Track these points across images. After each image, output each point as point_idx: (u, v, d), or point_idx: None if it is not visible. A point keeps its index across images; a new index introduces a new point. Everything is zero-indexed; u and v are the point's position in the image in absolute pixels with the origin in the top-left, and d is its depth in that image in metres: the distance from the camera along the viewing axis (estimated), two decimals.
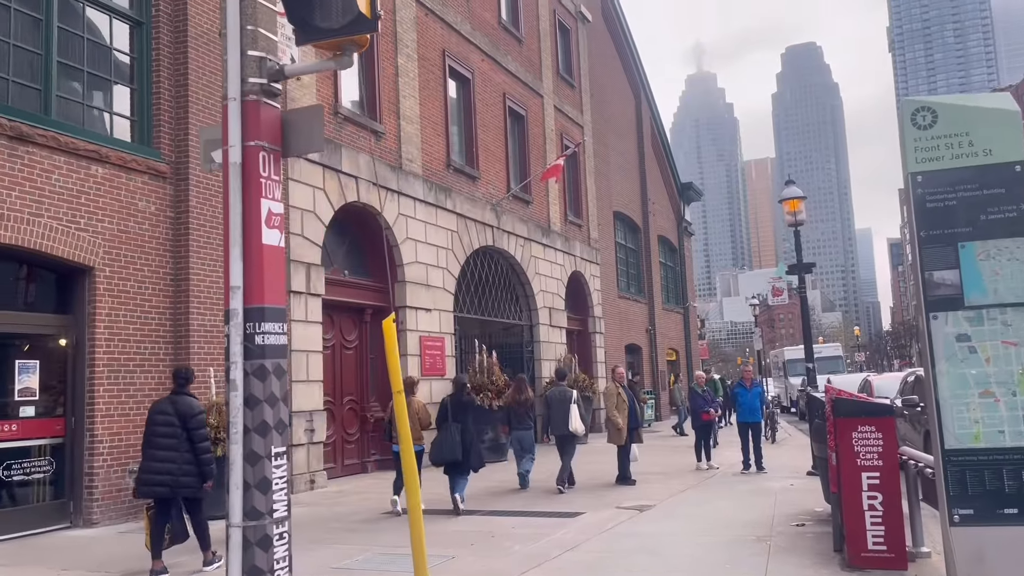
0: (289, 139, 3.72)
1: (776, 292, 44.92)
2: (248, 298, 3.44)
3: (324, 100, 13.32)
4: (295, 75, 3.83)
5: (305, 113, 3.86)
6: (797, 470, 13.07)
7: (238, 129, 3.53)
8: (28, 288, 9.42)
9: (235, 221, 3.49)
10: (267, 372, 3.50)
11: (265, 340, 3.51)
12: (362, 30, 3.39)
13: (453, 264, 16.62)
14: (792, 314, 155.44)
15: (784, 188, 14.85)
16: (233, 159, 3.52)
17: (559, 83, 23.29)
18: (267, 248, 3.51)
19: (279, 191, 3.69)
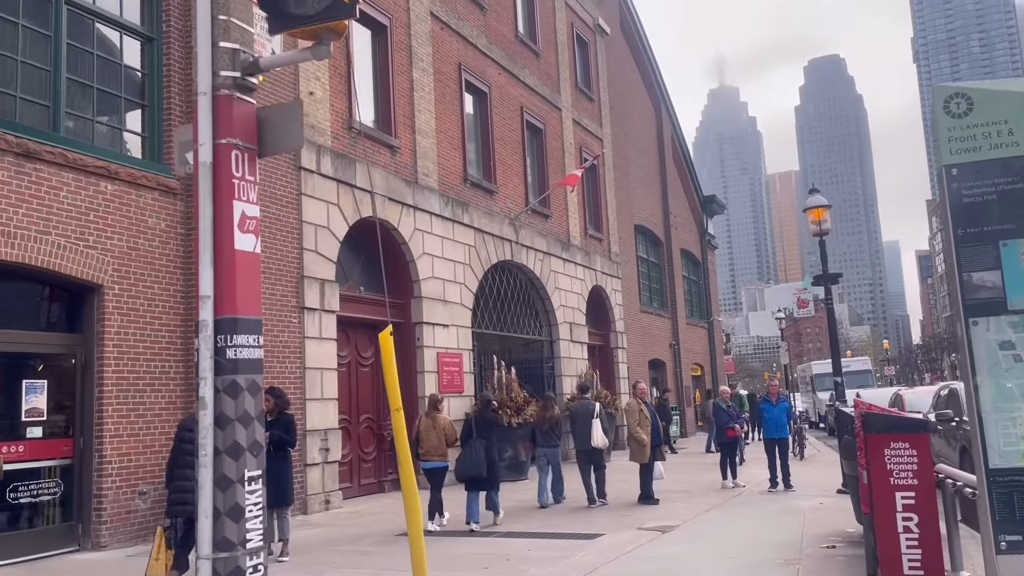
0: (266, 137, 3.50)
1: (802, 304, 44.25)
2: (219, 308, 3.21)
3: (338, 115, 13.19)
4: (270, 68, 3.62)
5: (282, 109, 3.64)
6: (827, 488, 12.62)
7: (209, 126, 3.31)
8: (36, 307, 9.31)
9: (205, 225, 3.26)
10: (240, 389, 3.26)
11: (238, 354, 3.27)
12: (339, 15, 3.17)
13: (471, 279, 16.39)
14: (819, 328, 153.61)
15: (808, 197, 14.48)
16: (203, 158, 3.31)
17: (578, 96, 23.09)
18: (240, 254, 3.28)
19: (255, 193, 3.47)
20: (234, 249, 3.28)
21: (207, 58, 3.35)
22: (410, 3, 15.50)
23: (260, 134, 3.51)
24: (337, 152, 12.98)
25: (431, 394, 11.47)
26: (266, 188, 11.52)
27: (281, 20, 3.27)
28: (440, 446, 10.34)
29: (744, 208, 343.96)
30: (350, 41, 13.68)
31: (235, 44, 3.39)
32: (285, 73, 12.11)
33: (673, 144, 32.66)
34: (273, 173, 11.69)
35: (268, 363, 11.25)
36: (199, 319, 3.28)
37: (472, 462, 9.97)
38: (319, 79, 12.77)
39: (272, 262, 11.50)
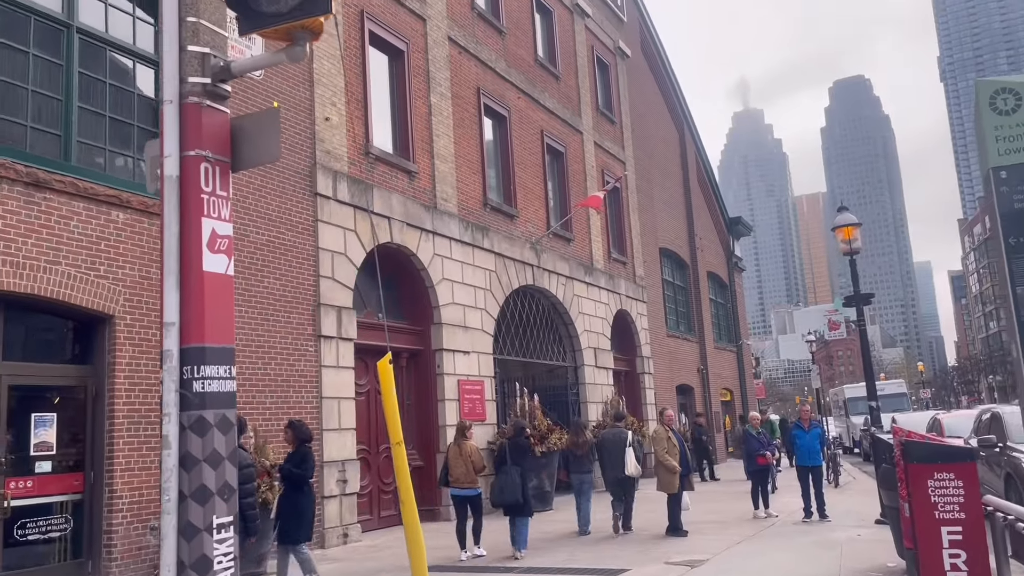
0: (241, 148, 3.25)
1: (833, 326, 43.43)
2: (186, 336, 2.94)
3: (355, 140, 13.06)
4: (242, 72, 3.37)
5: (259, 118, 3.39)
6: (864, 518, 12.08)
7: (175, 137, 3.07)
8: (45, 338, 9.17)
9: (170, 244, 3.00)
10: (208, 425, 2.98)
11: (206, 387, 3.00)
12: (314, 12, 2.92)
13: (492, 305, 16.11)
14: (851, 350, 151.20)
15: (837, 216, 14.06)
16: (169, 171, 3.06)
17: (599, 119, 22.88)
18: (210, 276, 3.01)
19: (227, 209, 3.22)
20: (202, 271, 3.02)
21: (173, 63, 3.11)
22: (427, 28, 15.42)
23: (235, 145, 3.27)
24: (354, 178, 12.83)
25: (460, 421, 11.36)
26: (281, 215, 11.37)
27: (252, 19, 3.03)
28: (468, 473, 10.32)
29: (771, 230, 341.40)
30: (367, 67, 13.59)
31: (205, 48, 3.16)
32: (300, 98, 12.01)
33: (697, 166, 32.30)
34: (288, 200, 11.54)
35: (284, 393, 11.03)
36: (163, 348, 3.02)
37: (509, 489, 10.06)
38: (335, 105, 12.66)
39: (288, 290, 11.32)
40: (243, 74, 3.31)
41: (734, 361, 33.99)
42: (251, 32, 3.10)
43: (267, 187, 11.20)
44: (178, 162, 3.08)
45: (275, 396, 10.86)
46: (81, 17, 9.51)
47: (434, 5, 15.72)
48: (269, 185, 11.24)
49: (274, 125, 3.37)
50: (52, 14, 9.17)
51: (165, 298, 2.99)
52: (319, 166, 12.09)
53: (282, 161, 11.46)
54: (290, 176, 11.64)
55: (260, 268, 10.94)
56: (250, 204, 10.90)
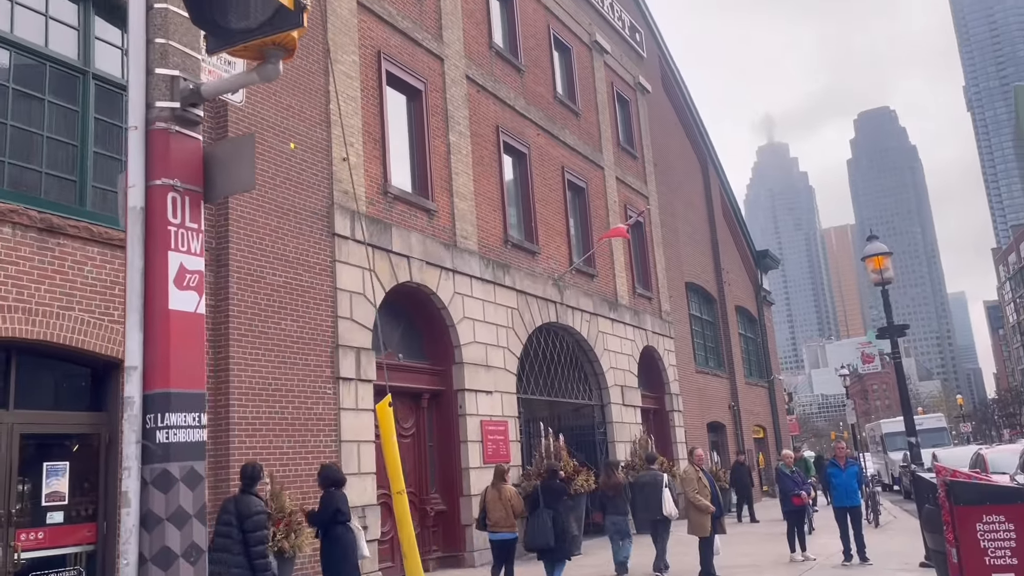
0: (214, 177, 3.05)
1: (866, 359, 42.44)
2: (149, 381, 2.72)
3: (372, 179, 12.98)
4: (213, 95, 3.19)
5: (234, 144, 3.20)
6: (908, 560, 11.52)
7: (140, 165, 2.88)
8: (57, 385, 9.05)
9: (133, 281, 2.79)
10: (172, 480, 2.74)
11: (170, 436, 2.76)
12: (284, 26, 2.73)
13: (514, 343, 15.84)
14: (886, 384, 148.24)
15: (867, 245, 13.67)
16: (133, 202, 2.87)
17: (620, 154, 22.74)
18: (176, 315, 2.80)
19: (199, 242, 3.01)
20: (168, 309, 2.80)
21: (139, 87, 2.92)
22: (445, 67, 15.42)
23: (208, 174, 3.07)
24: (372, 217, 12.72)
25: (497, 465, 11.19)
26: (298, 256, 11.25)
27: (220, 37, 2.85)
28: (508, 517, 10.22)
29: (800, 263, 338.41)
30: (384, 106, 13.57)
31: (174, 71, 2.98)
32: (317, 139, 11.96)
33: (722, 199, 32.00)
34: (305, 241, 11.44)
35: (301, 436, 10.80)
36: (124, 395, 2.80)
37: (539, 532, 9.99)
38: (352, 145, 12.61)
39: (305, 331, 11.15)
40: (214, 97, 3.13)
41: (766, 397, 33.28)
42: (219, 51, 2.92)
43: (284, 228, 11.11)
44: (143, 192, 2.88)
45: (292, 440, 10.63)
46: (97, 63, 9.55)
47: (451, 45, 15.75)
48: (286, 226, 11.15)
49: (249, 152, 3.18)
50: (69, 61, 9.22)
51: (127, 340, 2.78)
52: (337, 206, 12.00)
53: (299, 202, 11.39)
54: (307, 217, 11.55)
55: (277, 310, 10.80)
56: (266, 246, 10.80)
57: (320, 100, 12.19)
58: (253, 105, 10.98)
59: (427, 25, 15.18)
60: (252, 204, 10.67)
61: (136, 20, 2.93)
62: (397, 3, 14.43)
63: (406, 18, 14.53)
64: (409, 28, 14.53)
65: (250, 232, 10.58)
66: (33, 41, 8.89)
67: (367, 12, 13.58)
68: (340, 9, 12.87)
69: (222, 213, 10.37)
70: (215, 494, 9.70)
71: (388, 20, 14.02)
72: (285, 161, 11.32)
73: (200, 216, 3.08)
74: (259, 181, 10.79)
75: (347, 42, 12.91)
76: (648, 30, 26.99)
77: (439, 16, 15.60)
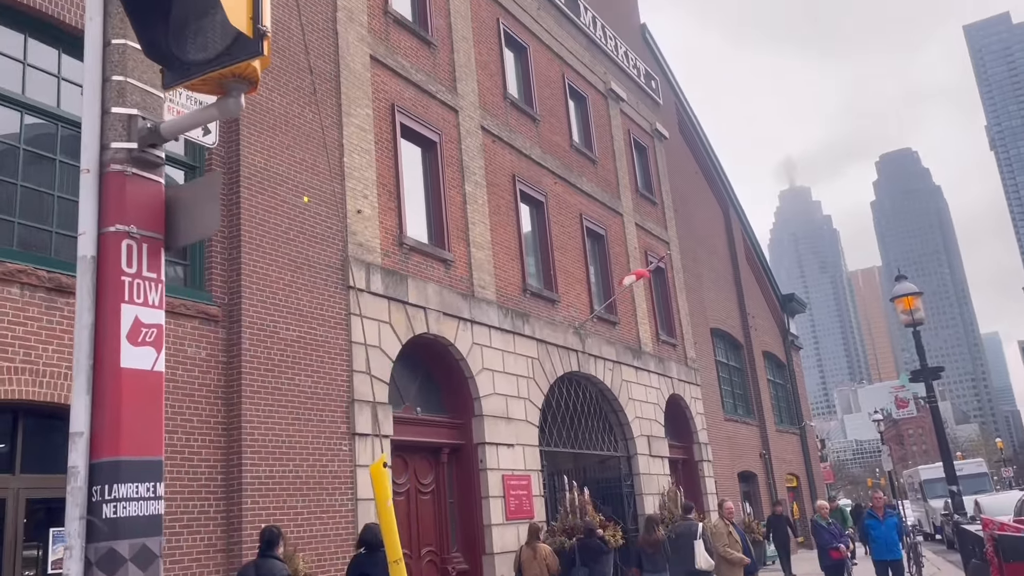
0: (178, 222, 2.85)
1: (901, 404, 41.37)
2: (97, 448, 2.48)
3: (388, 231, 12.87)
4: (174, 135, 3.00)
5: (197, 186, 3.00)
6: None
7: (92, 211, 2.69)
8: (65, 448, 8.83)
9: (81, 338, 2.57)
10: (119, 560, 2.46)
11: (119, 511, 2.49)
12: (244, 55, 2.54)
13: (535, 394, 15.50)
14: (922, 428, 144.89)
15: (895, 286, 13.28)
16: (83, 251, 2.67)
17: (639, 201, 22.58)
18: (129, 374, 2.57)
19: (158, 293, 2.80)
20: (119, 367, 2.57)
21: (94, 128, 2.75)
22: (460, 119, 15.42)
23: (170, 219, 2.87)
24: (388, 269, 12.58)
25: (531, 523, 10.90)
26: (312, 310, 11.09)
27: (177, 70, 2.67)
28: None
29: (827, 307, 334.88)
30: (399, 158, 13.53)
31: (131, 109, 2.80)
32: (331, 192, 11.89)
33: (745, 244, 31.68)
34: (320, 294, 11.29)
35: (316, 495, 10.50)
36: (68, 465, 2.56)
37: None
38: (367, 197, 12.54)
39: (319, 387, 10.93)
40: (175, 136, 2.96)
41: (798, 444, 32.45)
42: (176, 85, 2.74)
43: (297, 282, 10.97)
44: (94, 240, 2.69)
45: (306, 500, 10.33)
46: None
47: (466, 96, 15.78)
48: (300, 280, 11.02)
49: (213, 193, 2.98)
50: (80, 121, 9.23)
51: (73, 403, 2.54)
52: (351, 259, 11.87)
53: (313, 255, 11.28)
54: (322, 270, 11.42)
55: (291, 365, 10.60)
56: (280, 300, 10.65)
57: (334, 153, 12.17)
58: (267, 160, 10.95)
59: (441, 77, 15.23)
60: (265, 258, 10.56)
61: (92, 56, 2.78)
62: (411, 57, 14.51)
63: (420, 71, 14.59)
64: (423, 81, 14.58)
65: (263, 287, 10.45)
66: (45, 102, 8.93)
67: (380, 66, 13.64)
68: (353, 64, 12.93)
69: (234, 268, 10.27)
70: (228, 559, 9.41)
71: (402, 74, 14.08)
72: (299, 215, 11.25)
73: (160, 265, 2.87)
74: (272, 236, 10.72)
75: (360, 96, 12.94)
76: (663, 77, 27.07)
77: (453, 68, 15.67)
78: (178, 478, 9.15)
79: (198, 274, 10.17)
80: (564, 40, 20.47)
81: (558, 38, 20.19)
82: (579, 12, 21.49)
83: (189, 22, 2.55)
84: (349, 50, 12.92)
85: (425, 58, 14.94)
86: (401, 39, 14.41)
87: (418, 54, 14.76)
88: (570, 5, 21.09)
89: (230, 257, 10.35)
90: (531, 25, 19.07)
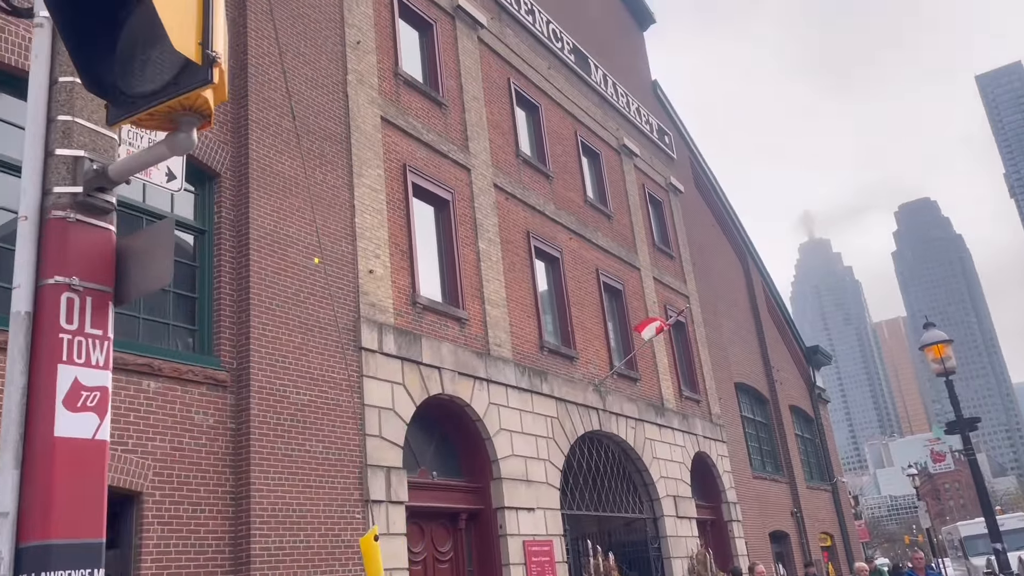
0: (128, 273, 2.59)
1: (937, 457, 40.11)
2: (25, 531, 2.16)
3: (400, 291, 12.69)
4: (124, 175, 2.75)
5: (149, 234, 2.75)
6: None
7: (30, 262, 2.43)
8: None
9: (11, 403, 2.28)
10: None
11: None
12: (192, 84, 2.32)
13: (556, 454, 15.05)
14: (958, 482, 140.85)
15: (924, 334, 12.85)
16: (17, 306, 2.40)
17: (656, 255, 22.35)
18: (65, 444, 2.26)
19: (104, 351, 2.52)
20: (53, 437, 2.28)
21: (35, 171, 2.50)
22: (472, 177, 15.37)
23: (122, 270, 2.62)
24: (401, 329, 12.34)
25: None
26: (323, 372, 10.84)
27: (120, 105, 2.44)
28: None
29: (853, 359, 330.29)
30: (411, 218, 13.42)
31: (78, 151, 2.58)
32: (342, 253, 11.76)
33: (766, 296, 31.24)
34: (331, 356, 11.05)
35: (328, 566, 10.09)
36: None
37: None
38: (379, 256, 12.39)
39: (331, 452, 10.61)
40: (125, 178, 2.72)
41: (830, 501, 31.39)
42: (122, 120, 2.51)
43: (308, 345, 10.75)
44: (31, 294, 2.43)
45: (318, 571, 9.92)
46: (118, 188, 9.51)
47: (478, 155, 15.75)
48: (310, 343, 10.80)
49: (166, 241, 2.73)
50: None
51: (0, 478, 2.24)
52: (363, 319, 11.67)
53: (324, 317, 11.08)
54: (333, 332, 11.20)
55: (301, 431, 10.31)
56: (290, 363, 10.42)
57: (345, 214, 12.07)
58: (276, 222, 10.85)
59: (453, 137, 15.23)
60: (275, 321, 10.38)
61: (36, 95, 2.58)
62: (422, 117, 14.53)
63: (431, 131, 14.59)
64: (434, 140, 14.57)
65: (272, 350, 10.23)
66: None
67: (391, 127, 13.65)
68: (364, 125, 12.94)
69: (243, 332, 10.08)
70: None
71: (413, 134, 14.08)
72: (309, 276, 11.09)
73: (107, 320, 2.61)
74: (282, 298, 10.55)
75: (372, 156, 12.91)
76: (676, 132, 27.10)
77: (464, 128, 15.68)
78: (184, 551, 8.81)
79: (206, 339, 9.98)
80: (576, 98, 20.55)
81: (569, 96, 20.27)
82: (590, 71, 21.63)
83: (137, 53, 2.36)
84: (360, 112, 12.94)
85: (436, 118, 14.96)
86: (412, 100, 14.46)
87: (429, 114, 14.79)
88: (581, 64, 21.24)
89: (239, 321, 10.17)
90: (542, 84, 19.17)
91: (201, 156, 10.41)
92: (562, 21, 21.04)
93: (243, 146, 10.86)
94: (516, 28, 18.82)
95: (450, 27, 16.36)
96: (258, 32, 11.54)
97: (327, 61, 12.71)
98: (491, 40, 17.58)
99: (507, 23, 18.51)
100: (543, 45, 19.71)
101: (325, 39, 12.82)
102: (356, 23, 13.53)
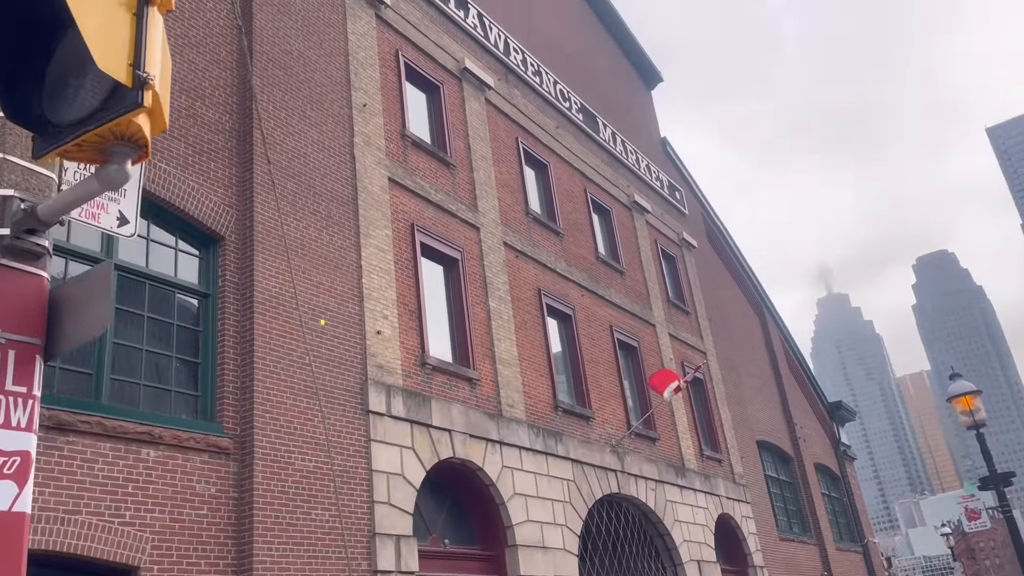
0: (63, 323, 2.37)
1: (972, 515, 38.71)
2: None
3: (409, 352, 12.43)
4: (55, 215, 2.51)
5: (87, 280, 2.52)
6: None
7: None
8: None
9: None
10: None
11: None
12: (121, 109, 2.11)
13: (573, 519, 14.52)
14: (994, 541, 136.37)
15: (951, 385, 12.40)
16: None
17: (671, 310, 22.02)
18: None
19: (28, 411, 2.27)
20: None
21: None
22: (481, 235, 15.24)
23: (56, 320, 2.40)
24: (409, 390, 12.05)
25: None
26: (330, 438, 10.52)
27: (49, 137, 2.24)
28: None
29: (878, 414, 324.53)
30: (419, 277, 13.25)
31: (7, 190, 2.36)
32: (349, 314, 11.56)
33: (785, 351, 30.69)
34: (338, 420, 10.75)
35: None
36: None
37: None
38: (387, 317, 12.18)
39: (338, 520, 10.23)
40: (57, 219, 2.50)
41: (861, 563, 30.25)
42: (48, 153, 2.30)
43: (314, 409, 10.47)
44: None
45: None
46: (121, 254, 9.42)
47: (487, 213, 15.65)
48: (316, 407, 10.52)
49: (104, 288, 2.49)
50: (91, 254, 9.08)
51: None
52: (371, 382, 11.39)
53: (331, 380, 10.82)
54: (339, 395, 10.93)
55: (307, 499, 9.95)
56: (295, 429, 10.13)
57: (352, 275, 11.92)
58: (281, 284, 10.69)
59: (461, 196, 15.16)
60: (279, 385, 10.13)
61: None
62: (429, 177, 14.48)
63: (439, 191, 14.53)
64: (443, 200, 14.49)
65: (277, 415, 9.96)
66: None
67: (399, 187, 13.59)
68: (371, 186, 12.88)
69: (247, 397, 9.83)
70: None
71: (421, 194, 14.01)
72: (315, 339, 10.88)
73: (33, 375, 2.37)
74: (287, 361, 10.32)
75: (379, 217, 12.82)
76: (688, 187, 27.04)
77: (473, 187, 15.63)
78: None
79: (209, 405, 9.74)
80: (585, 156, 20.56)
81: (578, 154, 20.28)
82: (598, 129, 21.69)
83: (70, 81, 2.18)
84: (367, 173, 12.90)
85: (444, 178, 14.91)
86: (419, 161, 14.44)
87: (437, 174, 14.75)
88: (589, 123, 21.31)
89: (242, 386, 9.93)
90: (550, 143, 19.19)
91: (205, 219, 10.33)
92: (570, 81, 21.19)
93: (248, 208, 10.78)
94: (523, 89, 18.94)
95: (457, 89, 16.45)
96: (264, 95, 11.58)
97: (334, 124, 12.73)
98: (498, 101, 17.67)
99: (514, 84, 18.63)
100: (551, 105, 19.81)
101: (332, 102, 12.87)
102: (363, 86, 13.60)
